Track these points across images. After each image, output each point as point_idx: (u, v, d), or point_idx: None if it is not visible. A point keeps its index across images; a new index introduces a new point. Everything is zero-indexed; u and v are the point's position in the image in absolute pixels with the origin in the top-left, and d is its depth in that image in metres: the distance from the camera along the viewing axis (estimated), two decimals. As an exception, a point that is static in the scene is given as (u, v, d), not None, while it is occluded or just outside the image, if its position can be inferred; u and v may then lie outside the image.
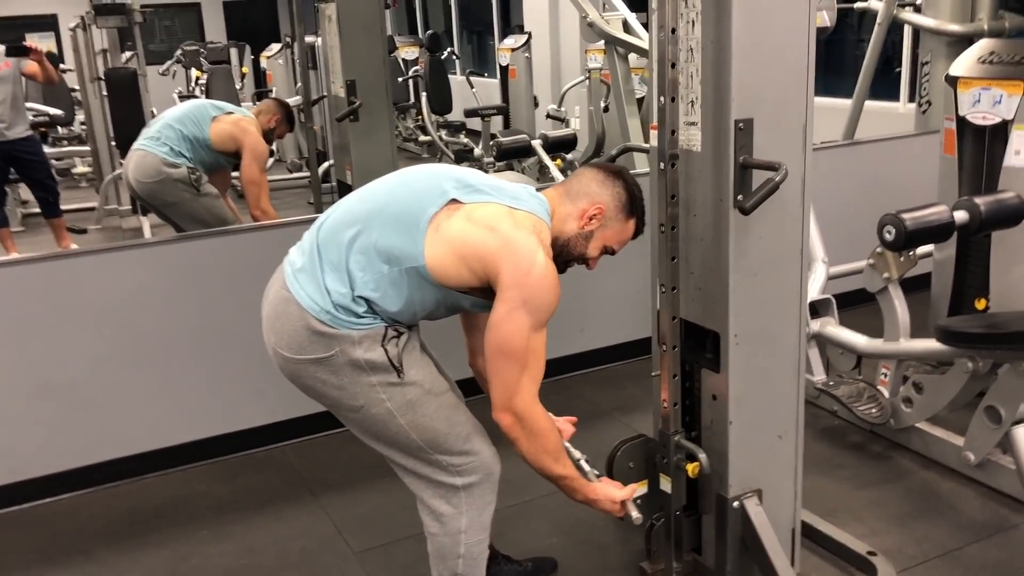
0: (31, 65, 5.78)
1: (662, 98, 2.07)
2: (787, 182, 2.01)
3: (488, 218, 1.92)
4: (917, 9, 5.11)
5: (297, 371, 1.99)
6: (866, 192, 4.33)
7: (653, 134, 2.15)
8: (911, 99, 6.51)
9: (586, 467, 2.23)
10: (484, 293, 1.95)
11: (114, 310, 3.14)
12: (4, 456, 3.05)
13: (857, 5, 5.38)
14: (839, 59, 8.14)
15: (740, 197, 2.05)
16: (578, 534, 2.77)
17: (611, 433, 2.92)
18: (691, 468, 2.25)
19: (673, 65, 2.05)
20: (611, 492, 2.14)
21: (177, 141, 4.09)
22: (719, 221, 2.11)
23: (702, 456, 2.24)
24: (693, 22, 2.06)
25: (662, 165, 2.11)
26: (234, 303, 3.28)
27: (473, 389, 2.27)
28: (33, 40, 6.08)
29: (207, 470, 3.28)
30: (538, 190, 2.09)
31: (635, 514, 2.17)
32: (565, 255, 2.06)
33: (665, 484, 2.33)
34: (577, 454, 2.25)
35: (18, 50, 5.75)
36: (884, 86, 7.17)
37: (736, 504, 2.27)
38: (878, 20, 5.07)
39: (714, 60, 2.03)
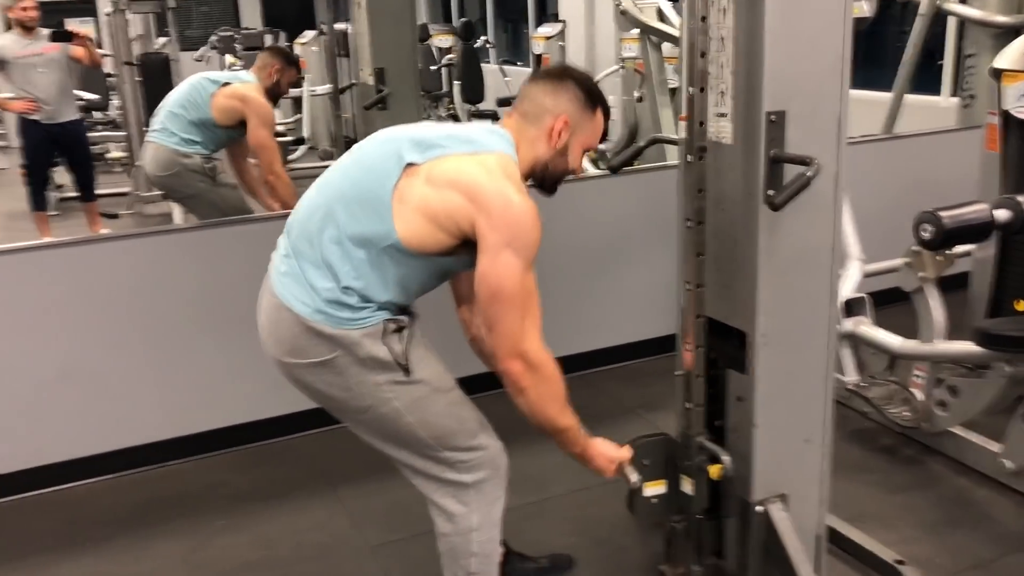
0: (78, 49, 5.86)
1: (691, 88, 2.00)
2: (819, 177, 1.94)
3: (448, 173, 1.84)
4: (963, 0, 4.96)
5: (301, 376, 1.94)
6: (905, 188, 4.22)
7: (682, 125, 2.08)
8: (954, 93, 6.34)
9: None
10: (468, 249, 1.86)
11: (136, 297, 3.13)
12: (26, 440, 3.06)
13: (900, -5, 5.23)
14: (880, 51, 7.96)
15: (770, 192, 1.97)
16: (597, 534, 2.72)
17: (635, 430, 2.85)
18: (713, 470, 2.19)
19: (703, 54, 1.98)
20: (608, 450, 2.07)
21: (184, 128, 4.01)
22: (748, 217, 2.04)
23: (725, 458, 2.17)
24: (725, 10, 1.98)
25: (689, 158, 2.04)
26: (255, 292, 3.25)
27: (474, 388, 2.21)
28: (73, 25, 6.13)
29: (227, 459, 3.27)
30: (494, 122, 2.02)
31: (633, 476, 2.11)
32: (550, 177, 2.01)
33: (687, 486, 2.27)
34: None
35: (62, 35, 5.81)
36: (926, 79, 6.99)
37: (760, 509, 2.20)
38: (920, 11, 4.93)
39: (746, 50, 1.96)
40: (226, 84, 4.06)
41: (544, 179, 2.01)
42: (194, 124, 4.01)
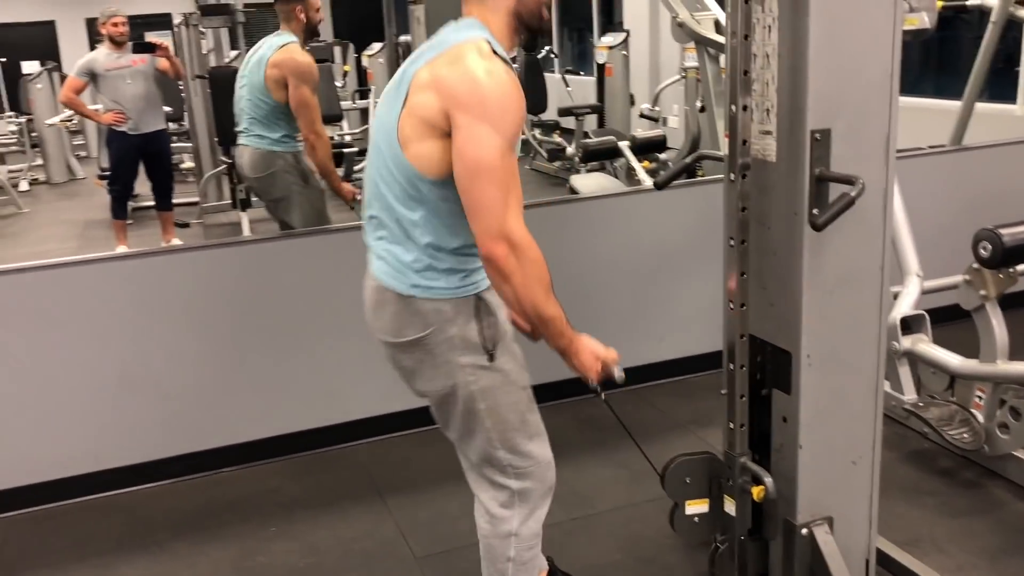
0: (163, 61, 6.06)
1: (733, 107, 1.98)
2: (867, 196, 1.91)
3: (420, 81, 1.83)
4: (1036, 7, 4.81)
5: (397, 355, 2.00)
6: (972, 201, 4.10)
7: (725, 142, 2.07)
8: (1029, 101, 6.15)
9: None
10: None
11: (198, 307, 3.22)
12: (88, 445, 3.17)
13: (970, 3, 5.09)
14: (955, 58, 7.75)
15: (815, 211, 1.94)
16: (642, 552, 2.70)
17: (684, 446, 2.85)
18: (756, 491, 2.16)
19: (746, 72, 1.96)
20: (596, 347, 1.99)
21: (267, 121, 3.90)
22: (793, 235, 2.01)
23: (768, 480, 2.14)
24: (769, 28, 1.96)
25: (732, 176, 2.02)
26: (311, 304, 3.33)
27: (542, 397, 2.22)
28: (153, 37, 6.34)
29: (280, 467, 3.34)
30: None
31: (618, 373, 2.00)
32: (533, 20, 1.94)
33: (729, 506, 2.24)
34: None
35: (144, 47, 6.02)
36: (1004, 87, 6.79)
37: (804, 531, 2.16)
38: (992, 18, 4.78)
39: (790, 67, 1.93)
40: (271, 58, 3.88)
41: (528, 28, 1.95)
42: (274, 113, 3.89)
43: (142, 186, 6.78)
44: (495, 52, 1.82)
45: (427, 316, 1.92)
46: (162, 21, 13.37)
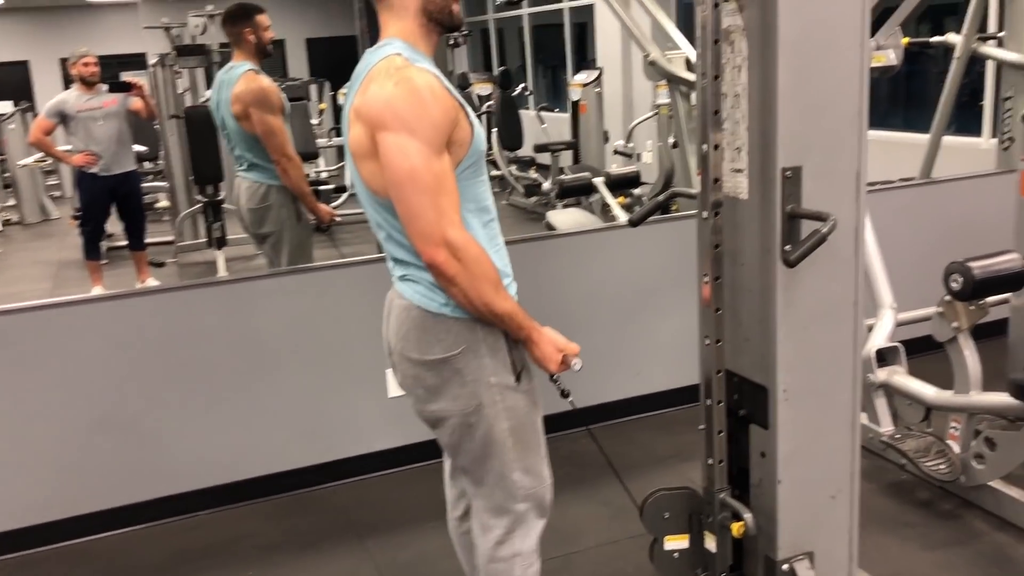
0: (136, 102, 6.02)
1: (705, 145, 2.01)
2: (838, 232, 1.93)
3: (351, 118, 1.87)
4: (999, 42, 4.92)
5: (422, 373, 1.95)
6: (942, 234, 4.17)
7: (698, 180, 2.09)
8: (994, 134, 6.27)
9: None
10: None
11: (173, 348, 3.20)
12: (62, 490, 3.13)
13: (935, 40, 5.20)
14: (921, 92, 7.91)
15: (787, 248, 1.97)
16: (624, 589, 2.68)
17: (666, 481, 2.83)
18: (736, 528, 2.15)
19: (716, 112, 1.99)
20: (556, 337, 1.98)
21: (257, 151, 3.83)
22: (766, 272, 2.03)
23: (747, 516, 2.14)
24: (739, 68, 2.00)
25: (705, 214, 2.04)
26: (289, 343, 3.32)
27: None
28: (129, 76, 6.32)
29: (258, 509, 3.30)
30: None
31: (577, 365, 1.98)
32: (443, 15, 1.92)
33: (710, 543, 2.24)
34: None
35: (120, 86, 5.97)
36: (969, 120, 6.93)
37: (786, 567, 2.16)
38: (956, 54, 4.90)
39: (760, 107, 1.96)
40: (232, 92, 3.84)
41: (440, 23, 1.93)
42: (256, 146, 3.83)
43: (116, 225, 6.74)
44: (409, 61, 1.81)
45: (459, 335, 1.91)
46: (137, 61, 13.41)
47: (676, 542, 2.25)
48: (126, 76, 6.40)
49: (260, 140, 3.83)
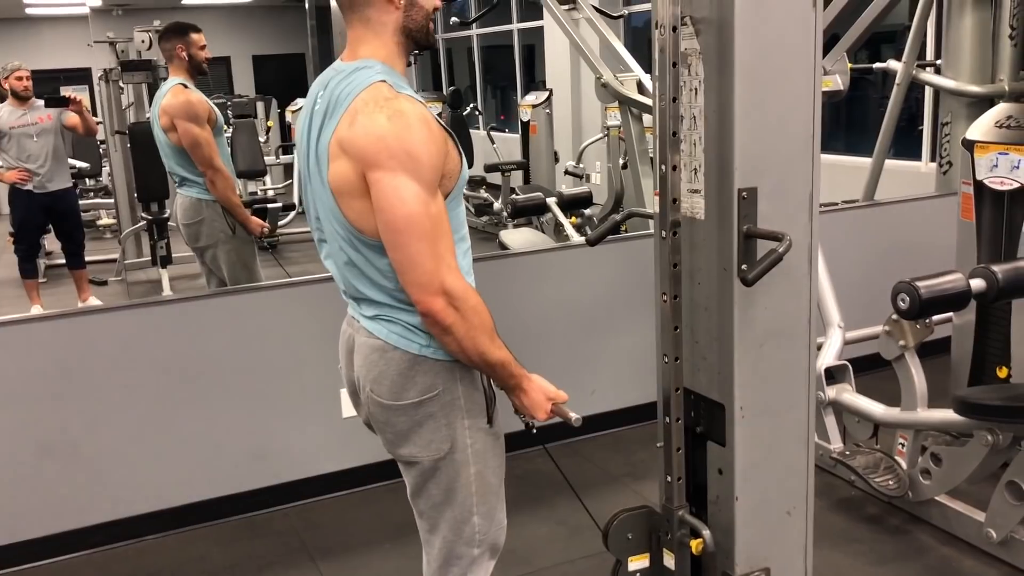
0: (72, 117, 5.85)
1: (663, 166, 2.03)
2: (793, 251, 1.97)
3: (332, 151, 1.74)
4: (937, 70, 5.08)
5: (393, 417, 1.87)
6: (885, 254, 4.27)
7: (649, 199, 2.11)
8: (932, 158, 6.46)
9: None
10: None
11: (117, 368, 3.12)
12: (3, 516, 3.02)
13: (876, 66, 5.35)
14: (862, 117, 8.12)
15: (744, 267, 2.00)
16: (581, 609, 2.68)
17: (621, 500, 2.85)
18: (695, 544, 2.17)
19: (675, 133, 2.01)
20: (546, 386, 1.93)
21: (189, 167, 3.80)
22: (723, 291, 2.06)
23: (706, 533, 2.15)
24: (696, 90, 2.03)
25: (664, 234, 2.07)
26: (237, 363, 3.27)
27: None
28: (68, 91, 6.16)
29: (206, 533, 3.23)
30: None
31: (573, 415, 1.91)
32: (420, 34, 1.85)
33: (669, 560, 2.25)
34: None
35: (57, 101, 5.76)
36: (908, 144, 7.13)
37: (743, 583, 2.18)
38: (896, 81, 5.04)
39: (717, 128, 2.00)
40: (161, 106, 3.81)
41: (416, 42, 1.86)
42: (187, 162, 3.79)
43: (55, 243, 6.59)
44: (395, 88, 1.73)
45: (436, 375, 1.83)
46: (82, 76, 13.16)
47: (638, 562, 2.26)
48: (65, 91, 6.25)
49: (188, 153, 3.79)
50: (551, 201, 5.20)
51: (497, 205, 8.29)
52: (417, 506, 1.99)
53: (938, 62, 5.11)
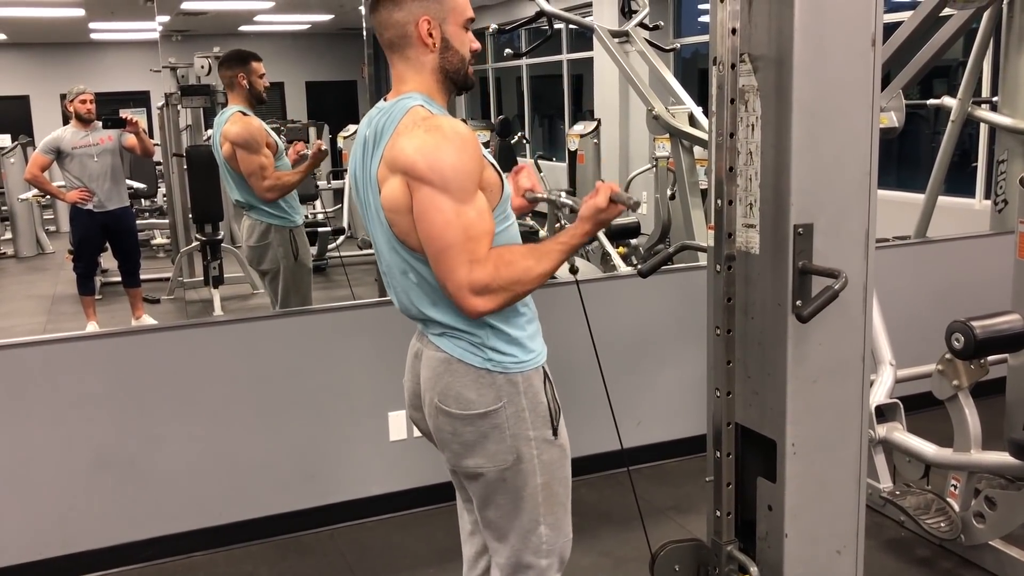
0: (131, 139, 6.02)
1: (719, 201, 2.05)
2: (848, 288, 1.97)
3: (381, 176, 1.83)
4: (993, 107, 5.03)
5: (460, 428, 1.92)
6: (938, 292, 4.23)
7: (710, 234, 2.13)
8: (987, 196, 6.37)
9: (565, 199, 2.10)
10: None
11: (171, 386, 3.19)
12: (58, 527, 3.09)
13: (930, 102, 5.31)
14: (914, 152, 8.04)
15: (799, 303, 2.00)
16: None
17: (666, 534, 2.83)
18: (743, 581, 2.16)
19: (731, 169, 2.03)
20: (595, 202, 1.91)
21: (245, 192, 3.89)
22: (777, 326, 2.06)
23: (754, 569, 2.14)
24: (753, 126, 2.05)
25: (718, 268, 2.08)
26: (291, 384, 3.32)
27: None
28: (127, 112, 6.33)
29: (255, 551, 3.27)
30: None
31: (631, 201, 1.91)
32: (454, 76, 1.93)
33: (716, 596, 2.24)
34: (544, 194, 2.18)
35: (115, 122, 5.96)
36: (961, 181, 7.04)
37: (791, 622, 2.16)
38: (951, 117, 4.99)
39: (774, 164, 2.01)
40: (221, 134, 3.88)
41: (455, 83, 1.94)
42: (245, 186, 3.87)
43: (111, 261, 6.74)
44: (432, 112, 1.83)
45: (500, 388, 1.89)
46: (142, 98, 13.51)
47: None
48: (123, 112, 6.43)
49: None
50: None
51: (543, 233, 8.32)
52: (485, 517, 2.02)
53: (994, 99, 5.06)
